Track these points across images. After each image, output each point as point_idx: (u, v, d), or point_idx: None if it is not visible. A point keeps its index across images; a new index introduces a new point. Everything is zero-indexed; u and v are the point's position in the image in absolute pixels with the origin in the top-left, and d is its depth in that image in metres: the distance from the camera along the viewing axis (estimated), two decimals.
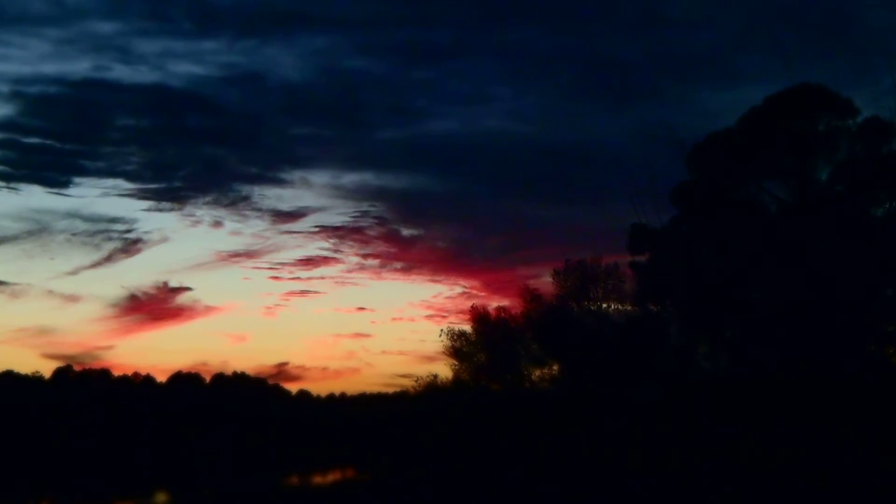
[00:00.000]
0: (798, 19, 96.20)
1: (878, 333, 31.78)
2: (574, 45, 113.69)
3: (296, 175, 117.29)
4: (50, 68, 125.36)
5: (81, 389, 76.51)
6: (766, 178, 33.84)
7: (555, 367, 43.26)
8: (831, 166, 32.95)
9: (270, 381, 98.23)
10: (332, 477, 29.89)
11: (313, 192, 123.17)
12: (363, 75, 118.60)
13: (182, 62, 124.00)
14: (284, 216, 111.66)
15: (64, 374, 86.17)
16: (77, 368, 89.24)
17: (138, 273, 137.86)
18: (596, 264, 41.58)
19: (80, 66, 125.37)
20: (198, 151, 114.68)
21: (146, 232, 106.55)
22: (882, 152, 31.92)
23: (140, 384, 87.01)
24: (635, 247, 36.66)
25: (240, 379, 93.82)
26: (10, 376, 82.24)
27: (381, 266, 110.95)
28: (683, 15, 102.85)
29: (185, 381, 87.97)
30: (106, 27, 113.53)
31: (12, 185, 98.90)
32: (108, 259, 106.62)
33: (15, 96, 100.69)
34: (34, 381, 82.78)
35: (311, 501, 22.78)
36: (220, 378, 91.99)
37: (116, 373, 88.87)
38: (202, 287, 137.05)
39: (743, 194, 34.14)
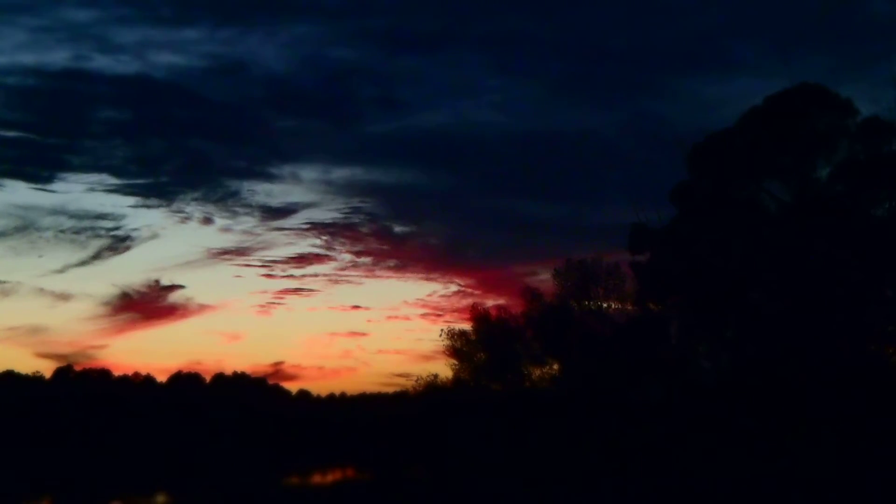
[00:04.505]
0: (795, 10, 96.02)
1: (878, 333, 31.76)
2: (565, 35, 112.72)
3: (284, 170, 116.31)
4: (27, 58, 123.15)
5: (82, 389, 76.48)
6: (766, 178, 33.86)
7: (555, 367, 43.26)
8: (831, 166, 32.95)
9: (270, 381, 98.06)
10: (332, 477, 29.85)
11: (303, 187, 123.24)
12: (348, 64, 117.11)
13: (163, 52, 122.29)
14: (274, 212, 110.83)
15: (64, 374, 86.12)
16: (77, 368, 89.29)
17: (128, 271, 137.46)
18: (597, 263, 41.63)
19: (58, 56, 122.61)
20: (183, 145, 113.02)
21: (134, 229, 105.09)
22: (882, 152, 31.92)
23: (140, 384, 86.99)
24: (635, 246, 36.71)
25: (240, 379, 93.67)
26: (10, 376, 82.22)
27: (375, 264, 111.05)
28: (678, 5, 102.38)
29: (185, 381, 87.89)
30: (82, 15, 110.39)
31: None
32: (97, 257, 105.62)
33: None
34: (35, 380, 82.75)
35: (311, 501, 22.77)
36: (219, 378, 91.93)
37: (112, 372, 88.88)
38: (194, 285, 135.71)
39: (743, 194, 34.15)
